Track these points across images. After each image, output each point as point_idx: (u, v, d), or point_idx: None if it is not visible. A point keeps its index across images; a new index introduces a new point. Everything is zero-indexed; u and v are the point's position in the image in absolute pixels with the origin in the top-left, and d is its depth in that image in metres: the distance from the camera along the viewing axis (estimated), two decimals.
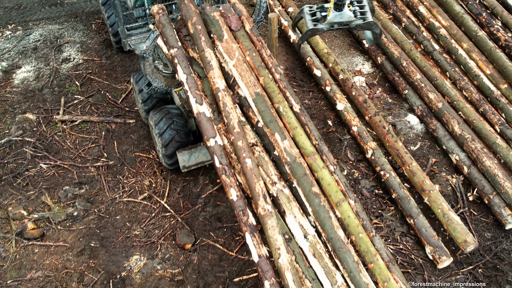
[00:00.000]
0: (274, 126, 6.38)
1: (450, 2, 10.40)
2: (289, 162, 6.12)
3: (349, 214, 5.90)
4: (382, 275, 5.60)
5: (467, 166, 7.76)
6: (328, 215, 5.79)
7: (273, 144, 6.38)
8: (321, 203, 5.83)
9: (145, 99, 8.46)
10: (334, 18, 6.09)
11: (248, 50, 7.19)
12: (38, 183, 8.14)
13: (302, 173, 6.02)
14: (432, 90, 8.78)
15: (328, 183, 6.04)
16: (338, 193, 6.01)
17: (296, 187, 6.11)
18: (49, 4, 13.51)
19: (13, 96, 9.91)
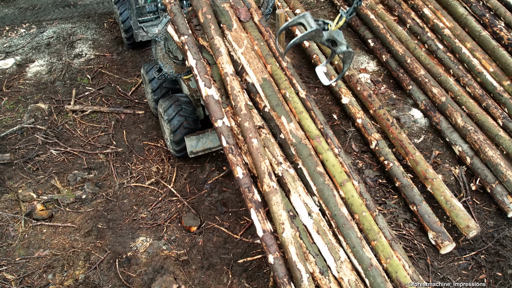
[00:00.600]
0: (280, 109, 6.55)
1: (454, 5, 10.61)
2: (295, 143, 6.27)
3: (353, 194, 6.03)
4: (385, 252, 5.70)
5: (470, 156, 7.86)
6: (332, 193, 5.91)
7: (279, 127, 6.55)
8: (325, 182, 5.97)
9: (154, 88, 8.66)
10: (334, 34, 6.12)
11: (256, 39, 7.40)
12: (48, 168, 8.31)
13: (307, 154, 6.16)
14: (435, 85, 8.94)
15: (332, 164, 6.18)
16: (342, 174, 6.14)
17: (301, 167, 6.24)
18: (62, 5, 13.87)
19: (25, 88, 10.16)
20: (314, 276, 5.59)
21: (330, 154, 6.26)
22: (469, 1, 10.57)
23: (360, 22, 11.30)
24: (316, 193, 6.04)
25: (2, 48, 11.54)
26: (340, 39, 6.12)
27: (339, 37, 6.11)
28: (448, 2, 10.74)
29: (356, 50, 11.01)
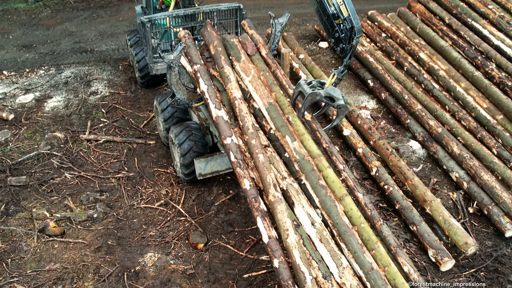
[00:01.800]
0: (285, 130, 7.02)
1: (448, 50, 11.34)
2: (298, 160, 6.68)
3: (352, 207, 6.36)
4: (383, 261, 5.93)
5: (467, 181, 8.21)
6: (334, 204, 6.24)
7: (283, 146, 6.98)
8: (327, 194, 6.31)
9: (166, 117, 9.19)
10: (330, 91, 6.73)
11: (262, 70, 8.02)
12: (61, 190, 8.68)
13: (310, 169, 6.56)
14: (432, 118, 9.46)
15: (332, 180, 6.56)
16: (342, 189, 6.51)
17: (304, 181, 6.61)
18: (80, 51, 14.78)
19: (43, 120, 10.73)
20: (317, 281, 5.79)
21: (330, 171, 6.65)
22: (462, 46, 11.30)
23: (360, 65, 12.02)
24: (319, 204, 6.35)
25: (22, 86, 12.25)
26: (337, 95, 6.72)
27: (335, 93, 6.72)
28: (443, 47, 11.48)
29: (356, 91, 11.64)
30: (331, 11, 6.57)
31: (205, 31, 8.50)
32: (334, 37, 6.66)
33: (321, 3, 6.68)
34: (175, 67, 7.70)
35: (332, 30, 6.69)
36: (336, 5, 6.43)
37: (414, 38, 12.24)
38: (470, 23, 11.71)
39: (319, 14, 6.97)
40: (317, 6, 6.89)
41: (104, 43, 15.38)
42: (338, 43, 6.64)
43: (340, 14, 6.37)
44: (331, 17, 6.58)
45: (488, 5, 12.42)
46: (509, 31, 11.29)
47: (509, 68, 10.24)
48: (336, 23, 6.54)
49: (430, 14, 12.76)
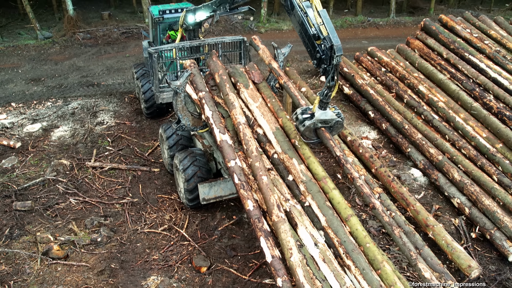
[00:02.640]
0: (292, 153, 7.19)
1: (447, 83, 11.63)
2: (305, 181, 6.81)
3: (357, 227, 6.41)
4: (388, 280, 5.94)
5: (468, 207, 8.27)
6: (341, 224, 6.32)
7: (289, 168, 7.10)
8: (334, 214, 6.40)
9: (171, 145, 9.36)
10: (321, 116, 6.96)
11: (269, 97, 8.26)
12: (66, 214, 8.74)
13: (317, 190, 6.69)
14: (432, 146, 9.60)
15: (337, 202, 6.65)
16: (347, 210, 6.58)
17: (311, 202, 6.68)
18: (87, 84, 15.16)
19: (49, 148, 10.91)
20: None
21: (335, 193, 6.75)
22: (460, 79, 11.60)
23: (361, 97, 12.29)
24: (326, 223, 6.40)
25: (30, 116, 12.52)
26: (329, 117, 6.93)
27: (327, 116, 6.93)
28: (441, 80, 11.78)
29: (358, 122, 11.85)
30: (312, 32, 6.69)
31: (211, 60, 8.81)
32: (316, 58, 6.73)
33: (303, 25, 6.81)
34: (181, 93, 7.93)
35: (314, 51, 6.77)
36: (316, 25, 6.57)
37: (413, 72, 12.57)
38: (467, 57, 12.05)
39: (301, 37, 7.06)
40: (299, 29, 7.02)
41: (110, 77, 15.78)
42: (320, 64, 6.70)
43: (320, 34, 6.48)
44: (312, 38, 6.70)
45: (484, 40, 12.83)
46: (505, 65, 11.61)
47: (507, 98, 10.49)
48: (317, 44, 6.66)
49: (428, 50, 13.14)
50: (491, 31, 13.34)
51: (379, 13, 24.99)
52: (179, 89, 7.85)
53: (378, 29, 22.14)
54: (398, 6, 26.26)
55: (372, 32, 21.26)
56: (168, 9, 11.53)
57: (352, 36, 19.82)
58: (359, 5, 24.45)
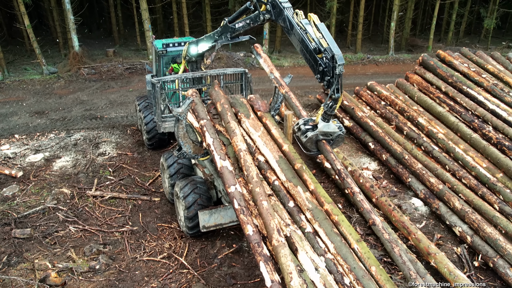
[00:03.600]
0: (296, 181, 7.26)
1: (446, 115, 11.76)
2: (311, 208, 6.84)
3: (368, 250, 6.43)
4: None
5: (470, 235, 8.20)
6: (349, 250, 6.30)
7: (295, 196, 7.12)
8: (342, 241, 6.39)
9: (172, 173, 9.40)
10: (324, 128, 7.16)
11: (273, 126, 8.37)
12: (65, 242, 8.68)
13: (323, 217, 6.72)
14: (432, 176, 9.61)
15: (347, 225, 6.71)
16: (356, 234, 6.63)
17: (318, 229, 6.67)
18: (90, 117, 15.35)
19: (51, 177, 10.94)
20: None
21: (344, 217, 6.83)
22: (459, 111, 11.73)
23: (361, 129, 12.39)
24: (334, 250, 6.36)
25: (33, 147, 12.62)
26: (331, 129, 7.14)
27: (329, 128, 7.13)
28: (440, 113, 11.91)
29: (358, 153, 11.91)
30: (312, 47, 6.88)
31: (213, 90, 8.98)
32: (319, 71, 6.87)
33: (303, 41, 7.01)
34: (182, 120, 8.03)
35: (316, 65, 6.91)
36: (316, 40, 6.81)
37: (413, 105, 12.72)
38: (466, 90, 12.23)
39: (303, 53, 7.21)
40: (300, 46, 7.18)
41: (113, 111, 15.99)
42: (324, 76, 6.82)
43: (321, 47, 6.71)
44: (314, 53, 6.88)
45: (481, 74, 13.05)
46: (503, 97, 11.77)
47: (506, 129, 10.58)
48: (319, 57, 6.82)
49: (427, 84, 13.35)
50: (488, 65, 13.58)
51: (378, 51, 25.52)
52: (181, 116, 7.96)
53: (377, 66, 22.56)
54: (397, 45, 26.83)
55: (372, 69, 21.63)
56: (171, 43, 11.82)
57: (352, 72, 20.19)
58: (358, 43, 25.01)
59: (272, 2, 7.71)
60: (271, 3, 7.73)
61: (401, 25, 26.47)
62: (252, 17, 8.41)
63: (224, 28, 9.17)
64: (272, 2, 7.71)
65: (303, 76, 20.25)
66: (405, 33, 26.70)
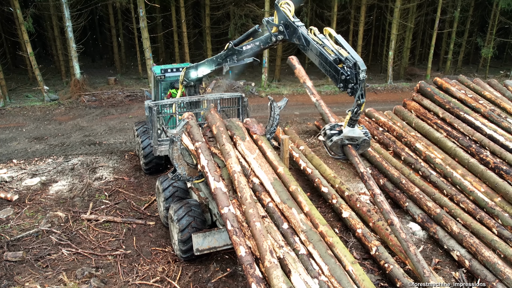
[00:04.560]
0: (291, 203, 7.24)
1: (443, 140, 11.76)
2: (305, 230, 6.80)
3: (363, 271, 6.36)
4: None
5: (468, 259, 8.07)
6: (344, 272, 6.23)
7: (289, 218, 7.07)
8: (336, 263, 6.33)
9: (167, 197, 9.35)
10: (349, 133, 7.66)
11: (268, 148, 8.38)
12: (57, 265, 8.56)
13: (318, 239, 6.68)
14: (430, 200, 9.53)
15: (342, 247, 6.72)
16: (351, 256, 6.57)
17: (312, 251, 6.60)
18: (89, 143, 15.38)
19: (46, 201, 10.88)
20: None
21: (338, 239, 6.81)
22: (456, 136, 11.73)
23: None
24: (328, 272, 6.27)
25: (30, 171, 12.61)
26: (357, 134, 7.67)
27: (355, 133, 7.66)
28: (438, 138, 11.91)
29: (356, 179, 11.85)
30: (332, 58, 7.21)
31: (209, 113, 9.02)
32: (342, 80, 7.16)
33: (321, 54, 7.36)
34: (177, 142, 8.04)
35: (338, 75, 7.20)
36: (335, 51, 7.19)
37: (410, 131, 12.74)
38: (463, 116, 12.25)
39: (322, 66, 7.53)
40: (318, 60, 7.53)
41: (112, 137, 16.03)
42: (347, 84, 7.14)
43: (341, 57, 7.06)
44: (334, 63, 7.20)
45: (478, 100, 13.10)
46: (500, 122, 11.78)
47: (503, 154, 10.54)
48: (340, 67, 7.13)
49: (424, 110, 13.40)
50: (485, 92, 13.65)
51: (377, 80, 25.72)
52: (175, 138, 7.97)
53: (376, 94, 22.70)
54: (396, 74, 27.08)
55: (370, 97, 21.75)
56: (169, 68, 11.95)
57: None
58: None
59: (284, 23, 8.03)
60: (284, 24, 8.06)
61: (399, 54, 26.81)
62: (263, 39, 8.70)
63: (229, 51, 9.37)
64: (284, 23, 8.03)
65: (302, 103, 20.38)
66: (403, 62, 27.01)
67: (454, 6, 26.18)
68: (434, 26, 25.42)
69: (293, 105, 20.13)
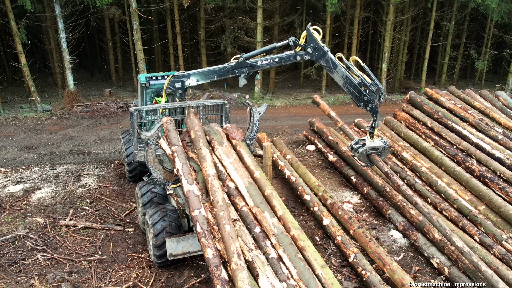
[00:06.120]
0: (264, 206, 7.17)
1: (431, 149, 11.65)
2: (276, 234, 6.71)
3: (333, 275, 6.25)
4: None
5: (448, 266, 7.90)
6: (312, 276, 6.11)
7: (261, 221, 6.98)
8: (305, 266, 6.22)
9: (145, 202, 9.24)
10: (370, 144, 9.85)
11: (247, 153, 8.32)
12: (30, 270, 8.44)
13: (288, 242, 6.59)
14: (413, 208, 9.38)
15: (313, 250, 6.63)
16: (322, 260, 6.47)
17: (282, 254, 6.49)
18: (77, 153, 15.34)
19: (27, 207, 10.80)
20: None
21: (310, 243, 6.69)
22: (443, 145, 11.62)
23: (344, 163, 12.26)
24: (297, 276, 6.16)
25: (15, 179, 12.55)
26: (377, 144, 9.89)
27: (375, 143, 9.87)
28: (425, 148, 11.82)
29: (341, 187, 11.73)
30: (356, 81, 9.11)
31: (188, 118, 8.99)
32: (364, 100, 9.26)
33: (347, 78, 9.18)
34: (152, 144, 7.97)
35: (360, 95, 9.21)
36: (361, 76, 9.06)
37: (399, 141, 12.65)
38: (451, 125, 12.15)
39: (346, 87, 9.33)
40: (343, 82, 9.28)
41: (102, 147, 16.00)
42: (367, 103, 9.30)
43: (366, 82, 9.04)
44: (358, 86, 9.17)
45: (467, 110, 13.02)
46: (488, 131, 11.68)
47: (489, 162, 10.41)
48: (362, 90, 9.12)
49: (413, 120, 13.31)
50: (475, 102, 13.58)
51: None
52: (150, 140, 7.91)
53: None
54: (391, 87, 27.07)
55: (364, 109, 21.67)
56: (154, 76, 11.95)
57: (343, 112, 20.23)
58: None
59: (314, 47, 9.22)
60: (314, 47, 9.25)
61: (394, 67, 26.83)
62: (284, 57, 9.66)
63: (239, 64, 9.81)
64: (314, 47, 9.22)
65: (294, 115, 20.34)
66: (398, 75, 27.01)
67: (448, 19, 26.28)
68: (427, 39, 25.50)
69: (285, 116, 20.10)
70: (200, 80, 10.42)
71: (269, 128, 18.03)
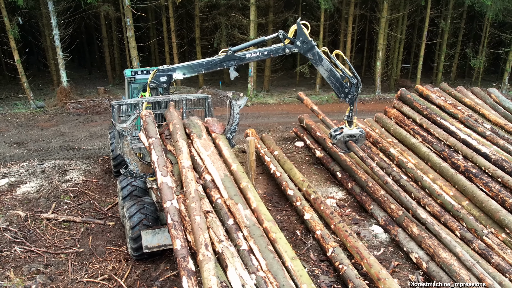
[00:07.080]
0: (238, 198, 7.12)
1: (418, 145, 11.58)
2: (248, 225, 6.66)
3: (301, 268, 6.19)
4: None
5: (426, 261, 7.82)
6: (281, 268, 6.05)
7: (235, 213, 6.92)
8: (275, 258, 6.17)
9: (125, 195, 9.19)
10: (347, 132, 10.42)
11: (225, 146, 8.26)
12: (8, 262, 8.40)
13: (259, 234, 6.54)
14: (394, 202, 9.30)
15: (285, 242, 6.56)
16: (293, 252, 6.42)
17: (253, 246, 6.43)
18: (67, 148, 15.34)
19: (10, 201, 10.78)
20: None
21: (282, 235, 6.63)
22: (431, 141, 11.54)
23: (331, 159, 12.19)
24: (266, 267, 6.10)
25: (1, 174, 12.54)
26: (354, 132, 10.44)
27: (352, 131, 10.45)
28: (413, 144, 11.74)
29: (326, 183, 11.65)
30: (339, 75, 9.82)
31: (168, 111, 8.94)
32: (344, 92, 9.97)
33: (331, 70, 9.79)
34: (127, 136, 7.92)
35: (342, 88, 9.94)
36: (342, 70, 9.77)
37: (387, 138, 12.56)
38: (439, 122, 12.06)
39: (329, 80, 9.97)
40: (327, 74, 9.91)
41: (92, 143, 15.98)
42: (347, 95, 10.00)
43: (346, 75, 9.78)
44: (340, 79, 9.87)
45: (457, 106, 12.93)
46: (476, 127, 11.61)
47: (474, 157, 10.33)
48: (344, 82, 9.88)
49: (403, 117, 13.22)
50: (466, 99, 13.48)
51: (367, 91, 25.53)
52: (125, 132, 7.86)
53: (363, 104, 22.57)
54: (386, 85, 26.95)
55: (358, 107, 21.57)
56: (140, 71, 11.91)
57: (337, 110, 20.16)
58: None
59: (303, 40, 9.63)
60: (302, 41, 9.64)
61: (389, 65, 26.71)
62: (273, 49, 9.95)
63: (228, 57, 9.93)
64: (303, 40, 9.63)
65: (287, 112, 20.27)
66: (394, 74, 26.89)
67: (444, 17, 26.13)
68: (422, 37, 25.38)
69: (278, 114, 20.04)
70: (186, 73, 10.37)
71: (260, 125, 17.97)
